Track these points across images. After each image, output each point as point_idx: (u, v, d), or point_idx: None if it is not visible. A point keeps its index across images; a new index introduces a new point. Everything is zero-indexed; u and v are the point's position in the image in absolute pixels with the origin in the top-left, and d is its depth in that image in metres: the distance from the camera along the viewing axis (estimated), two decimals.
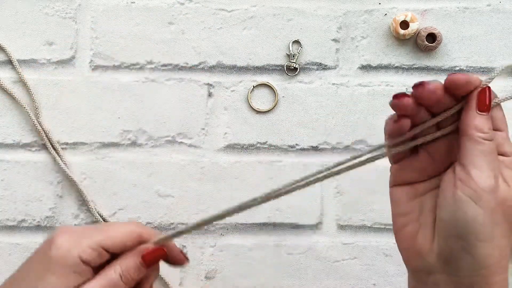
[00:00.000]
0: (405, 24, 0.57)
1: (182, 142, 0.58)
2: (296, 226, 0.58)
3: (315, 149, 0.58)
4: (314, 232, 0.58)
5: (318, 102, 0.59)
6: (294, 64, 0.58)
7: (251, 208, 0.35)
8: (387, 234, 0.58)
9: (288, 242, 0.58)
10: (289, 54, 0.58)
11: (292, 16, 0.59)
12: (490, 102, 0.33)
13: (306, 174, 0.35)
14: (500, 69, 0.34)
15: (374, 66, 0.59)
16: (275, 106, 0.58)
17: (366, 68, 0.59)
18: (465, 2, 0.59)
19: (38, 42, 0.58)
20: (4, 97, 0.58)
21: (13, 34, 0.58)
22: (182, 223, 0.57)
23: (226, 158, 0.58)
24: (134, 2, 0.59)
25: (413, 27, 0.57)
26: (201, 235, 0.58)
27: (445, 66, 0.59)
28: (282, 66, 0.59)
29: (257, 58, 0.59)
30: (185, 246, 0.57)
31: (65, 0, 0.59)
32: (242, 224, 0.58)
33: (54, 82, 0.58)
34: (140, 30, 0.59)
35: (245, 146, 0.58)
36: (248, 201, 0.35)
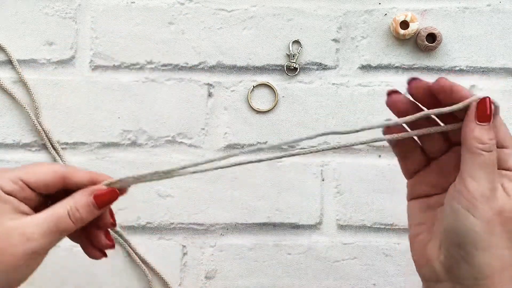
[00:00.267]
0: (405, 24, 0.57)
1: (182, 142, 0.58)
2: (296, 226, 0.58)
3: (314, 148, 0.58)
4: (314, 232, 0.58)
5: (318, 102, 0.59)
6: (294, 64, 0.58)
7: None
8: (387, 234, 0.58)
9: (288, 242, 0.58)
10: (289, 54, 0.58)
11: (292, 16, 0.59)
12: (491, 113, 0.33)
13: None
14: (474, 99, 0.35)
15: (374, 66, 0.59)
16: (275, 106, 0.58)
17: (366, 68, 0.59)
18: (465, 2, 0.59)
19: (38, 42, 0.58)
20: (4, 97, 0.58)
21: (13, 34, 0.58)
22: (182, 223, 0.57)
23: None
24: (134, 2, 0.59)
25: (413, 27, 0.57)
26: (201, 235, 0.58)
27: (445, 66, 0.59)
28: (282, 66, 0.59)
29: (257, 58, 0.59)
30: (185, 246, 0.57)
31: (65, 0, 0.59)
32: (242, 224, 0.58)
33: (54, 82, 0.58)
34: (140, 30, 0.59)
35: (245, 146, 0.58)
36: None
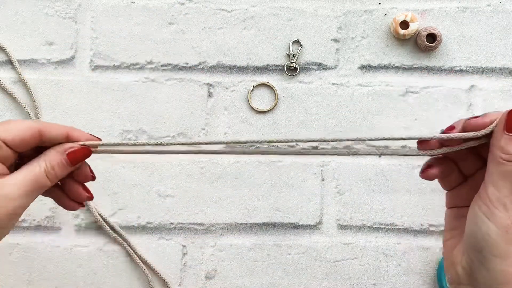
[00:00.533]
0: (405, 24, 0.57)
1: None
2: (296, 226, 0.58)
3: (315, 149, 0.58)
4: (314, 232, 0.58)
5: (318, 102, 0.59)
6: (294, 64, 0.58)
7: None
8: (387, 234, 0.58)
9: (288, 242, 0.58)
10: (289, 54, 0.58)
11: (292, 16, 0.59)
12: None
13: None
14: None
15: (374, 66, 0.59)
16: (275, 106, 0.58)
17: (366, 68, 0.59)
18: (465, 2, 0.59)
19: (38, 42, 0.58)
20: (4, 97, 0.58)
21: (13, 34, 0.58)
22: (182, 223, 0.57)
23: (226, 158, 0.58)
24: (134, 2, 0.59)
25: (413, 27, 0.57)
26: (201, 235, 0.58)
27: (445, 66, 0.59)
28: (282, 66, 0.59)
29: (257, 58, 0.59)
30: (185, 246, 0.57)
31: (65, 0, 0.59)
32: (242, 224, 0.58)
33: (54, 82, 0.58)
34: (140, 30, 0.59)
35: (245, 146, 0.58)
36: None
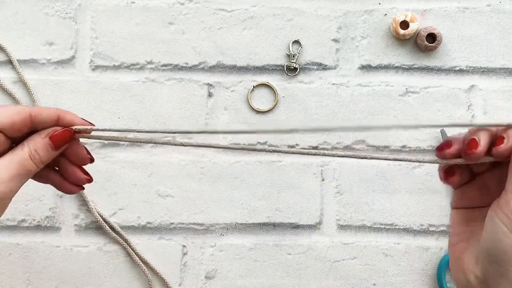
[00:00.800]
0: (405, 24, 0.57)
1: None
2: (296, 226, 0.58)
3: (315, 149, 0.58)
4: (314, 232, 0.58)
5: (318, 102, 0.59)
6: (294, 64, 0.58)
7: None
8: (387, 234, 0.58)
9: (288, 242, 0.58)
10: (289, 54, 0.58)
11: (292, 16, 0.59)
12: None
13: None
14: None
15: (374, 66, 0.59)
16: (275, 106, 0.58)
17: (366, 68, 0.59)
18: (465, 2, 0.59)
19: (38, 42, 0.58)
20: (4, 97, 0.58)
21: (13, 34, 0.58)
22: (182, 223, 0.57)
23: (226, 158, 0.58)
24: (134, 2, 0.59)
25: (413, 27, 0.57)
26: (201, 235, 0.58)
27: (445, 66, 0.59)
28: (282, 66, 0.59)
29: (257, 58, 0.59)
30: (185, 246, 0.57)
31: (65, 0, 0.59)
32: (242, 224, 0.58)
33: (54, 82, 0.58)
34: (140, 30, 0.59)
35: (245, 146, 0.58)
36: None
